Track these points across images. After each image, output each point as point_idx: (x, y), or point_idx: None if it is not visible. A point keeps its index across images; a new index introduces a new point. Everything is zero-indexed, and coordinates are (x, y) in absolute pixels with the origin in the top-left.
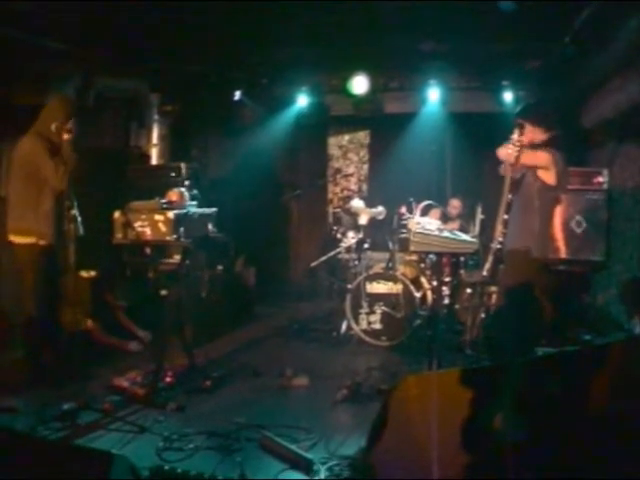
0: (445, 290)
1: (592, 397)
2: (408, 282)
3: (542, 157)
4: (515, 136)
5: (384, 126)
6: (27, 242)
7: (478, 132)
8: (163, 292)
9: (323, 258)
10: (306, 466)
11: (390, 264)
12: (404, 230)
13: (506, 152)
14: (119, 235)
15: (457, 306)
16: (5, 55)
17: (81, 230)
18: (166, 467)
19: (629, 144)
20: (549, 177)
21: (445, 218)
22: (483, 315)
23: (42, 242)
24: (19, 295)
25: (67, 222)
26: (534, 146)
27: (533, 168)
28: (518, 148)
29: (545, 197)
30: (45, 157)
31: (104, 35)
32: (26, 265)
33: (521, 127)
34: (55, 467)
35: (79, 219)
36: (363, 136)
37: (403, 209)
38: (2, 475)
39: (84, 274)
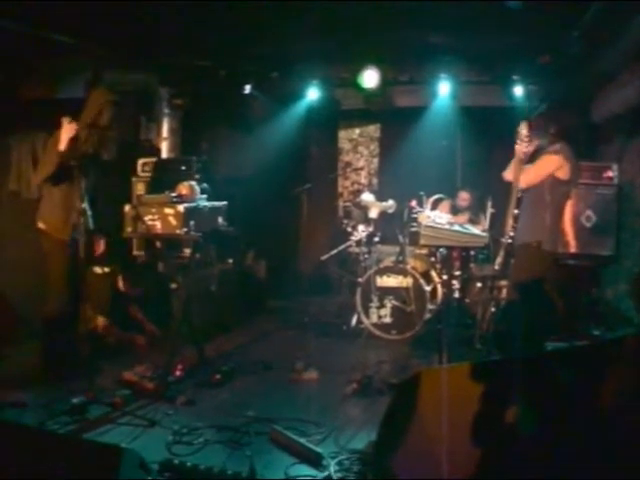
0: (455, 284)
1: (602, 392)
2: (418, 276)
3: (555, 160)
4: (524, 131)
5: (394, 120)
6: (51, 234)
7: (488, 126)
8: (173, 286)
9: (333, 252)
10: (316, 460)
11: (400, 258)
12: (414, 224)
13: (512, 174)
14: (129, 229)
15: (467, 300)
16: (15, 49)
17: (91, 224)
18: (175, 461)
19: (638, 139)
20: (562, 172)
21: (454, 210)
22: (493, 309)
23: (61, 236)
24: (28, 290)
25: (78, 216)
26: (546, 140)
27: (552, 173)
28: (527, 143)
29: (557, 192)
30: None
31: (114, 29)
32: (51, 256)
33: (530, 122)
34: (64, 461)
35: (89, 213)
36: (373, 130)
37: (413, 203)
38: (12, 469)
39: (98, 270)
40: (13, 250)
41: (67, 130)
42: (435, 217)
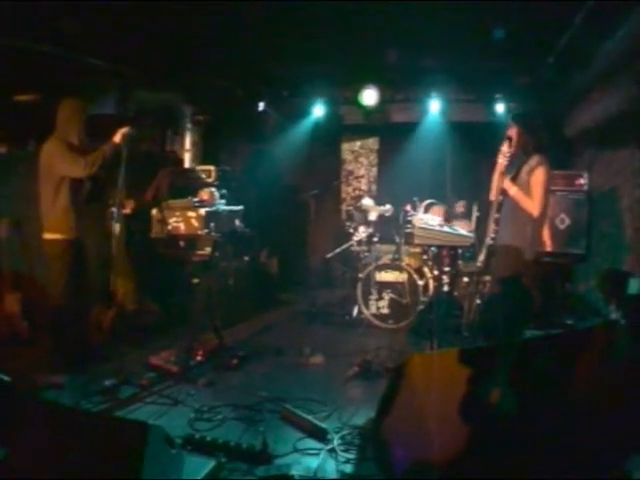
0: (445, 279)
1: (573, 374)
2: (412, 271)
3: (545, 172)
4: (505, 147)
5: (391, 133)
6: (53, 237)
7: (474, 139)
8: (195, 280)
9: (337, 250)
10: (321, 435)
11: (396, 255)
12: (409, 225)
13: (495, 195)
14: (156, 230)
15: (455, 293)
16: (54, 71)
17: (116, 226)
18: (197, 436)
19: (606, 150)
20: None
21: (452, 216)
22: (478, 301)
23: (64, 236)
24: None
25: (107, 219)
26: (525, 151)
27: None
28: (508, 158)
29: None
30: (62, 155)
31: (143, 53)
32: (52, 258)
33: (510, 139)
34: (98, 436)
35: (116, 216)
36: (372, 142)
37: (408, 207)
38: (51, 444)
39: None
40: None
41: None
42: (427, 219)
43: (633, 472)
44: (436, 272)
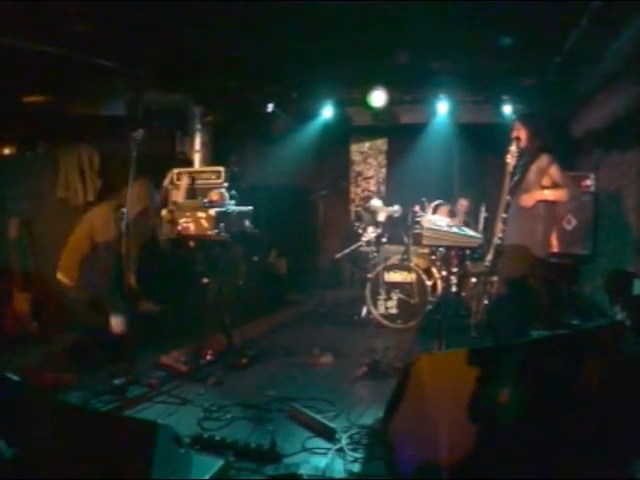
0: (453, 279)
1: (579, 374)
2: (421, 272)
3: (558, 167)
4: (513, 148)
5: (399, 135)
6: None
7: (481, 140)
8: (205, 280)
9: (346, 250)
10: (330, 434)
11: (405, 256)
12: (417, 226)
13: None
14: (166, 230)
15: (463, 293)
16: (65, 72)
17: (123, 227)
18: (205, 435)
19: (612, 152)
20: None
21: (452, 214)
22: (486, 302)
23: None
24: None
25: (118, 219)
26: (532, 151)
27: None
28: (516, 157)
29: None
30: (106, 222)
31: (153, 55)
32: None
33: (518, 140)
34: (107, 435)
35: (125, 216)
36: (381, 143)
37: (416, 207)
38: (60, 443)
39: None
40: (60, 249)
41: None
42: (435, 220)
43: (637, 472)
44: (444, 272)
